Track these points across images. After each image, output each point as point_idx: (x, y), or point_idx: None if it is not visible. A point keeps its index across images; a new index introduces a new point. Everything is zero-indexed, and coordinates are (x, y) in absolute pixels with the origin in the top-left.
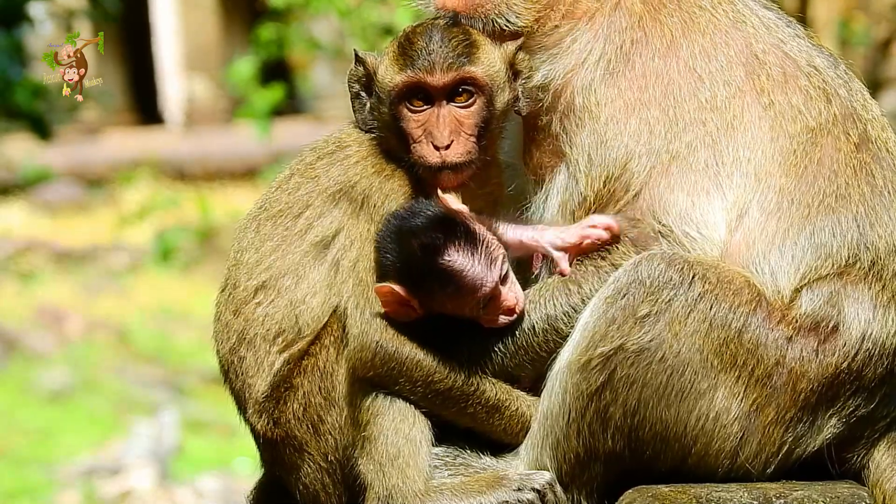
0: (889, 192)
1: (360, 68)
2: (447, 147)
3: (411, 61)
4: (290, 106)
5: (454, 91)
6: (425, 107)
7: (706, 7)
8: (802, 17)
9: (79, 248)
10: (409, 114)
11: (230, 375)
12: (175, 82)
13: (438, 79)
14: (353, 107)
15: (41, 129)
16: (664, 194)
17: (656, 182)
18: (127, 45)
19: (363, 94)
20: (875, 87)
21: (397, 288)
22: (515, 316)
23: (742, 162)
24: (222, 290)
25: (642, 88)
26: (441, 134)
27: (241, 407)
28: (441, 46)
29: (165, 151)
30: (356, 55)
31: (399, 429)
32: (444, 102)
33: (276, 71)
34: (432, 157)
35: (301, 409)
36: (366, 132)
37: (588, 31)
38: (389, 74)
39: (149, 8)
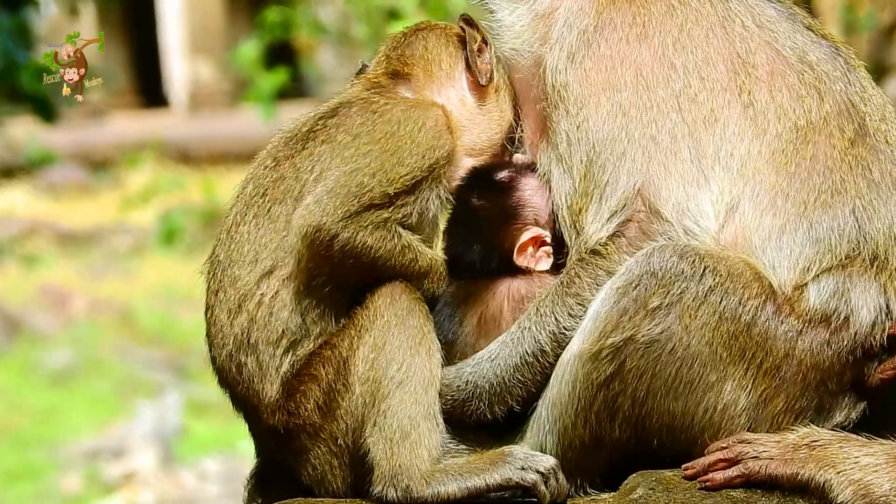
0: (887, 185)
1: (476, 34)
2: None
3: None
4: (295, 89)
5: None
6: None
7: (689, 3)
8: (808, 2)
9: (83, 229)
10: None
11: (229, 381)
12: (180, 64)
13: None
14: None
15: (46, 112)
16: (658, 184)
17: (645, 170)
18: (131, 27)
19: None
20: (880, 72)
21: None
22: None
23: (722, 156)
24: (214, 292)
25: (609, 69)
26: None
27: (247, 410)
28: None
29: (170, 134)
30: (469, 20)
31: (420, 401)
32: None
33: (282, 54)
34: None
35: (323, 397)
36: None
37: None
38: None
39: None
